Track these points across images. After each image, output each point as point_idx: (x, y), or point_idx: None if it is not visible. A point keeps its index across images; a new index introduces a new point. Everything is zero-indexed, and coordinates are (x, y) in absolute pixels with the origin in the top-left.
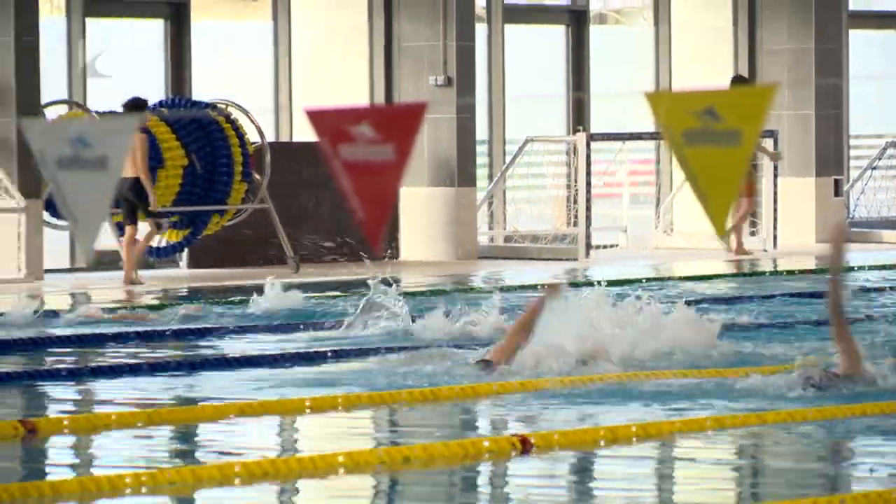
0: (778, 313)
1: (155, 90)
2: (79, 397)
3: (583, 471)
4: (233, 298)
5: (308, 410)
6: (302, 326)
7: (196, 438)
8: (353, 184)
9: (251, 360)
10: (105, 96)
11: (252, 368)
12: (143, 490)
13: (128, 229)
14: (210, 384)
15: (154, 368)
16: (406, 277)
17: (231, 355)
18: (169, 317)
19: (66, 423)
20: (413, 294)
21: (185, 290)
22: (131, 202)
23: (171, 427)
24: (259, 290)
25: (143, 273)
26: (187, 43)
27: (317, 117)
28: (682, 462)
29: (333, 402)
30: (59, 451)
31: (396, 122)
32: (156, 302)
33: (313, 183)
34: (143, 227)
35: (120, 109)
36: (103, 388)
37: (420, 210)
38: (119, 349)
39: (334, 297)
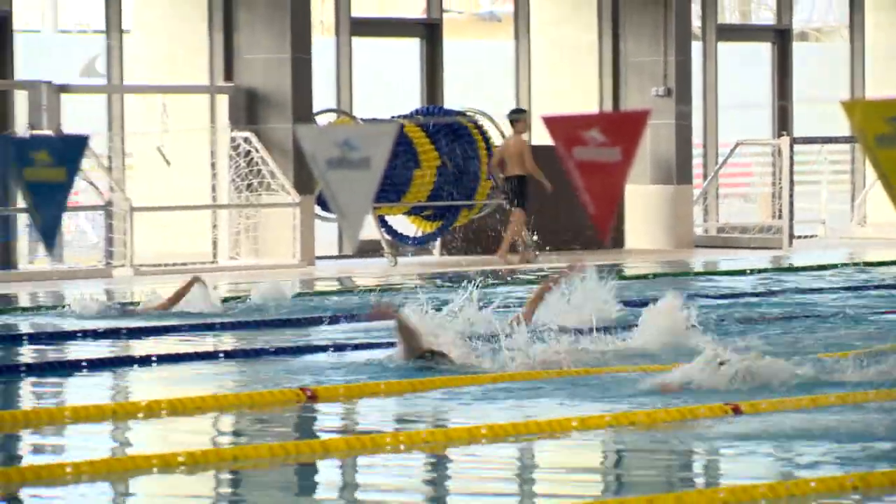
0: None
1: (411, 100)
2: (348, 367)
3: (786, 433)
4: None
5: (547, 378)
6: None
7: (449, 405)
8: (584, 181)
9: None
10: (368, 105)
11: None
12: (402, 448)
13: (519, 214)
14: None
15: None
16: (629, 263)
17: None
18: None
19: (341, 390)
20: (636, 277)
21: (437, 274)
22: (514, 194)
23: (432, 394)
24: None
25: (400, 259)
26: (440, 58)
27: (553, 123)
28: (870, 424)
29: (569, 372)
30: (332, 414)
31: (623, 128)
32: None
33: (550, 181)
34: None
35: (380, 116)
36: (364, 359)
37: (643, 205)
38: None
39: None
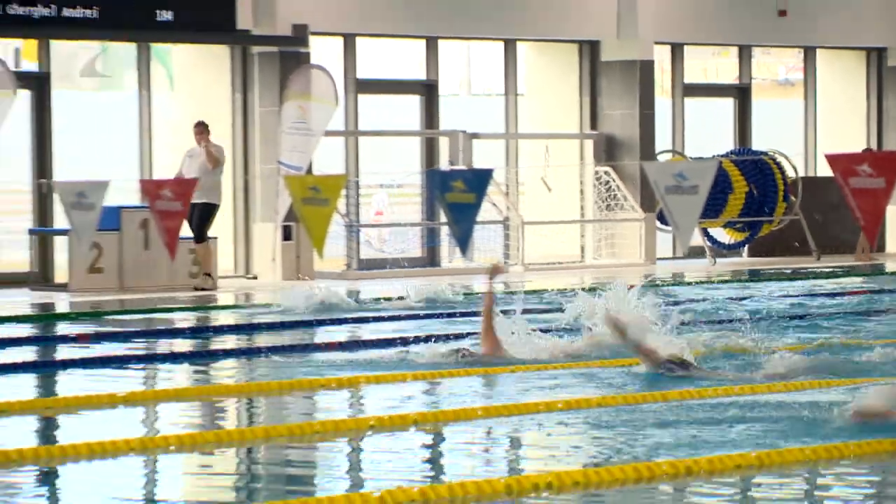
0: None
1: (727, 143)
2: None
3: None
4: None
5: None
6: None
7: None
8: (857, 203)
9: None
10: (695, 147)
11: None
12: (713, 394)
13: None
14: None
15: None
16: (889, 264)
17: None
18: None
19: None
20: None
21: (745, 273)
22: None
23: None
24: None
25: (718, 259)
26: (749, 112)
27: (833, 159)
28: None
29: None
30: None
31: (886, 164)
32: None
33: (831, 203)
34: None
35: (704, 155)
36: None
37: None
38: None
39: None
